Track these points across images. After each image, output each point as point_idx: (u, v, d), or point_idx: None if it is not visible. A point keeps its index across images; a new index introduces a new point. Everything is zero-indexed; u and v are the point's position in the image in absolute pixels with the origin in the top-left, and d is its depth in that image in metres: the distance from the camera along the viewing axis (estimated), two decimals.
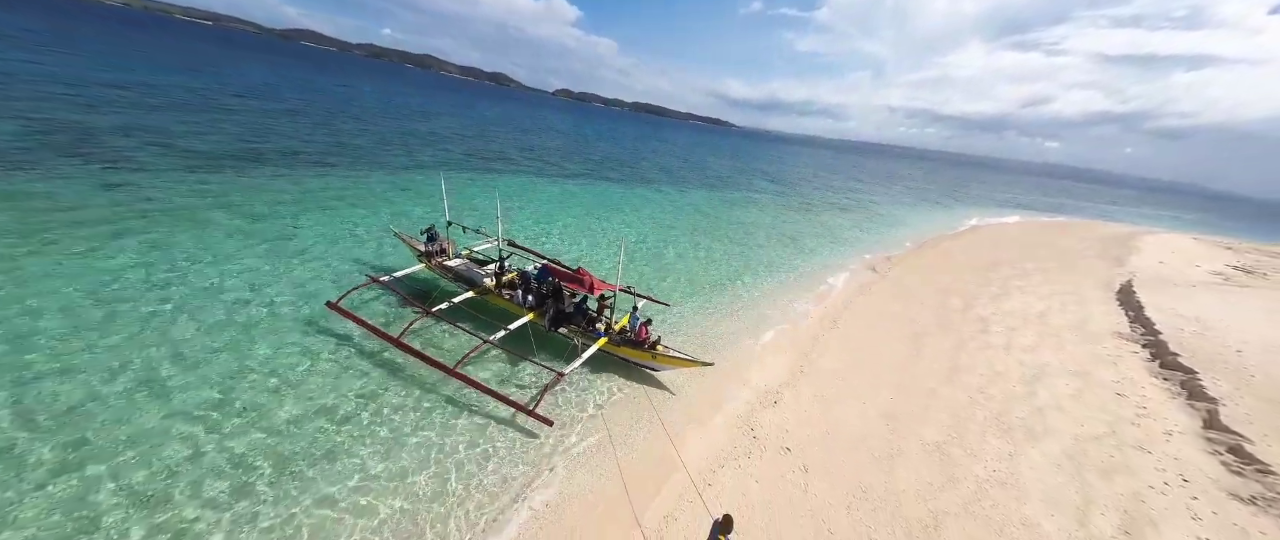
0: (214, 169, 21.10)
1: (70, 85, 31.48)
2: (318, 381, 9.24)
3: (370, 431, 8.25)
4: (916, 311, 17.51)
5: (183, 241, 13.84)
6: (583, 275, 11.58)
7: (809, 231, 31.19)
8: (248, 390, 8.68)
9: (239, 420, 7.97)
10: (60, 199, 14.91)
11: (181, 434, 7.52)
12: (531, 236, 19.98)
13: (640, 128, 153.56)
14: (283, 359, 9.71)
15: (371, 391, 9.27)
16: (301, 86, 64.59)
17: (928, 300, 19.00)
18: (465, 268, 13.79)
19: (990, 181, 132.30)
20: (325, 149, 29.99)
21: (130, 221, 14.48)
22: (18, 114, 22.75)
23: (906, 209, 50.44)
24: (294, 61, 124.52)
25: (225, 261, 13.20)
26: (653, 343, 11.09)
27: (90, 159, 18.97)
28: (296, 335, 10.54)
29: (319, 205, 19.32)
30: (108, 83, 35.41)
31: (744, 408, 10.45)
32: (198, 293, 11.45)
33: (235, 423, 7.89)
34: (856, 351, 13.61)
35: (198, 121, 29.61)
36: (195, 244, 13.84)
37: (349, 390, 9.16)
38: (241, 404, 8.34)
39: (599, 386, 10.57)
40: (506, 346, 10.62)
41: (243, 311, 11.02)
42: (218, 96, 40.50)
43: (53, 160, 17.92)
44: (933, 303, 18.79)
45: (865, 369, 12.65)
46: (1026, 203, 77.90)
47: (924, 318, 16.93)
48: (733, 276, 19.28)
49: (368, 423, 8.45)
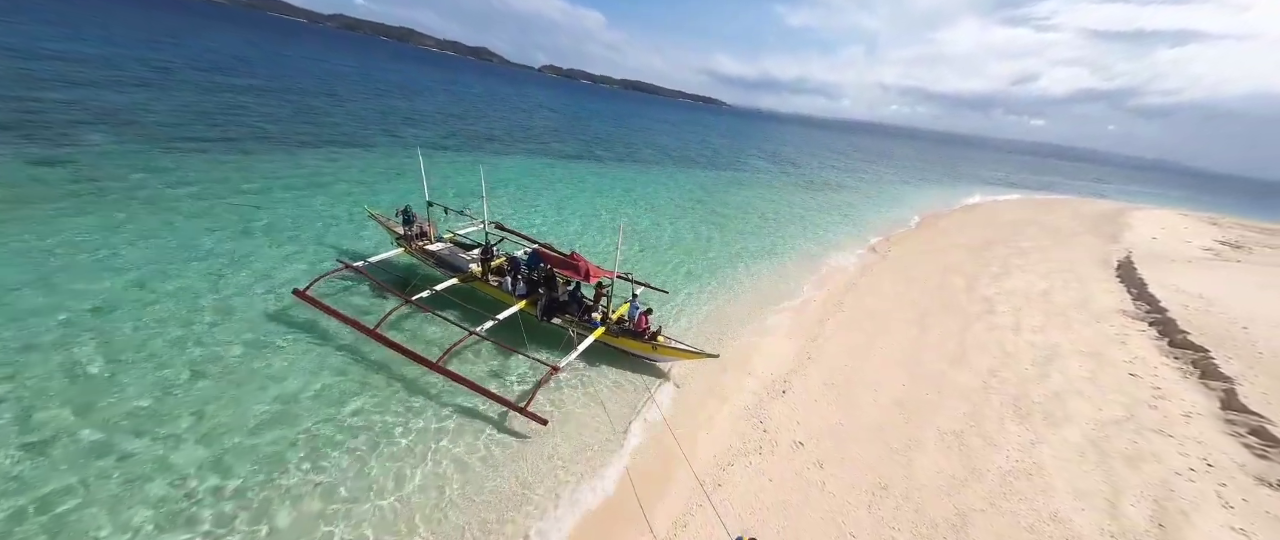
0: (169, 148, 19.34)
1: (11, 55, 28.68)
2: (281, 381, 8.27)
3: (340, 439, 7.38)
4: (919, 292, 17.02)
5: (131, 227, 12.50)
6: (577, 260, 10.68)
7: (807, 212, 30.48)
8: (196, 394, 7.68)
9: (182, 431, 7.01)
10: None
11: (110, 446, 6.57)
12: (521, 219, 18.87)
13: (631, 106, 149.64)
14: (240, 356, 8.71)
15: (344, 391, 8.36)
16: (269, 59, 60.63)
17: (930, 281, 18.52)
18: (449, 252, 12.76)
19: (979, 160, 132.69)
20: (294, 126, 28.00)
21: (72, 204, 13.03)
22: None
23: (900, 188, 50.00)
24: (260, 32, 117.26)
25: (178, 249, 11.94)
26: (653, 333, 10.33)
27: (33, 137, 17.15)
28: (258, 329, 9.51)
29: (287, 186, 17.87)
30: (55, 54, 32.42)
31: (752, 399, 9.83)
32: (144, 283, 10.27)
33: (176, 434, 6.94)
34: (863, 335, 13.06)
35: (154, 96, 27.27)
36: (145, 229, 12.52)
37: (317, 390, 8.24)
38: (186, 411, 7.36)
39: (597, 380, 9.82)
40: (495, 338, 9.76)
41: (195, 303, 9.91)
42: (177, 69, 37.54)
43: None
44: (935, 283, 18.32)
45: (874, 353, 12.11)
46: (1016, 181, 78.19)
47: (928, 299, 16.45)
48: (732, 260, 18.52)
49: (338, 428, 7.58)
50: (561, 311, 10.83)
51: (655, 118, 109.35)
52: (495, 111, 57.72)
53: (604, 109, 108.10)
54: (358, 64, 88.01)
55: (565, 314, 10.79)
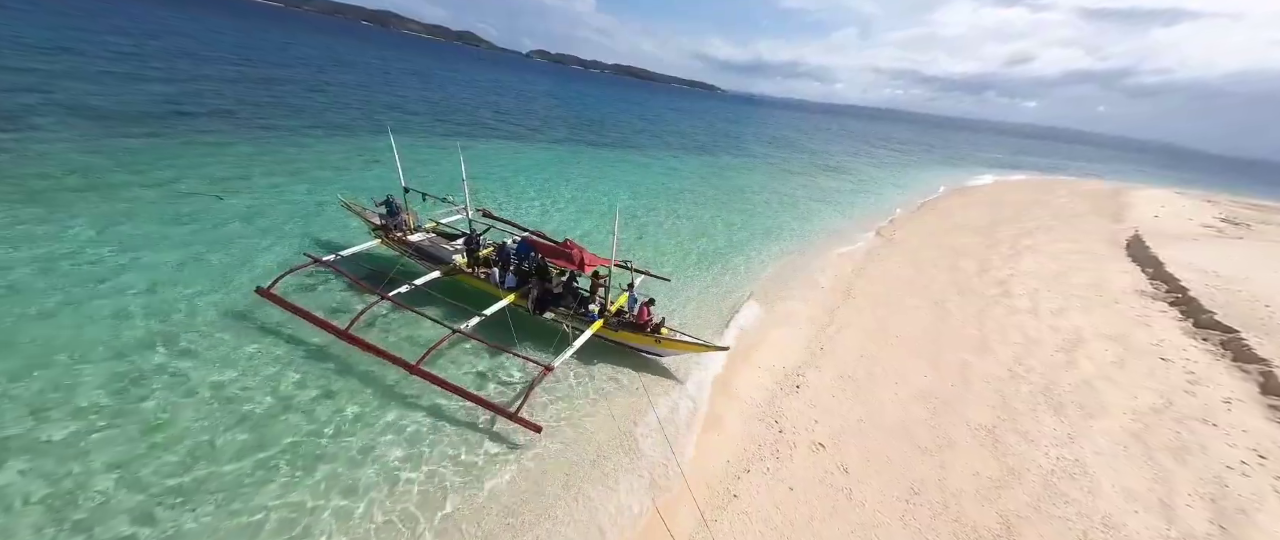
0: (127, 136, 17.82)
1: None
2: (241, 389, 7.29)
3: (307, 452, 6.45)
4: (931, 276, 16.27)
5: (81, 218, 11.24)
6: (571, 249, 9.69)
7: (807, 195, 29.57)
8: (139, 405, 6.69)
9: (122, 443, 6.05)
10: None
11: (34, 467, 5.58)
12: (511, 207, 17.74)
13: (624, 91, 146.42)
14: (194, 362, 7.68)
15: (312, 398, 7.39)
16: (240, 43, 57.69)
17: (940, 264, 17.78)
18: (430, 243, 11.68)
19: (974, 142, 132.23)
20: (266, 111, 26.31)
21: (16, 193, 11.75)
22: None
23: (899, 171, 49.18)
24: (231, 17, 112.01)
25: (132, 243, 10.72)
26: (656, 325, 9.43)
27: None
28: (216, 331, 8.45)
29: (257, 175, 16.54)
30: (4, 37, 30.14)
31: (764, 395, 9.01)
32: (90, 280, 9.11)
33: (118, 448, 5.99)
34: (877, 323, 12.28)
35: (113, 79, 25.38)
36: (97, 221, 11.25)
37: (281, 399, 7.25)
38: (127, 421, 6.38)
39: (595, 379, 8.94)
40: (482, 336, 8.82)
41: (146, 302, 8.80)
42: (138, 53, 35.27)
43: None
44: (945, 266, 17.58)
45: (890, 343, 11.34)
46: (1012, 162, 77.74)
47: (940, 282, 15.71)
48: (734, 246, 17.60)
49: (304, 440, 6.65)
50: (555, 305, 9.88)
51: (649, 104, 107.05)
52: (483, 96, 55.63)
53: (596, 94, 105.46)
54: (332, 46, 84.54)
55: (559, 307, 9.84)
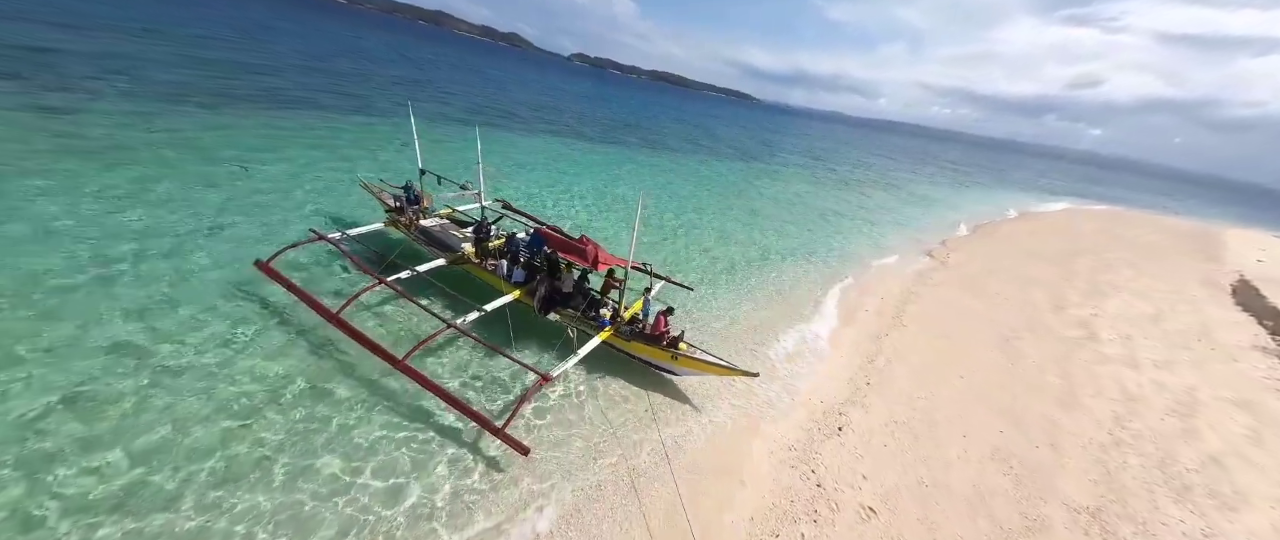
0: (182, 106, 18.32)
1: (54, 11, 28.67)
2: (215, 366, 6.59)
3: (266, 451, 5.56)
4: (997, 308, 14.12)
5: (97, 178, 11.15)
6: (586, 245, 8.56)
7: (847, 208, 27.43)
8: (98, 374, 6.03)
9: (63, 419, 5.33)
10: None
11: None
12: (531, 200, 16.90)
13: (658, 96, 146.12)
14: (172, 332, 7.03)
15: (287, 384, 6.59)
16: (296, 34, 60.84)
17: (1006, 294, 15.53)
18: (441, 229, 10.87)
19: (1032, 167, 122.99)
20: (314, 92, 26.90)
21: (74, 147, 12.06)
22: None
23: (949, 190, 45.64)
24: (296, 10, 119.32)
25: (149, 204, 10.54)
26: (674, 338, 8.12)
27: (45, 86, 16.32)
28: (206, 300, 7.86)
29: (291, 150, 16.48)
30: (105, 18, 32.49)
31: (799, 436, 7.50)
32: (84, 239, 8.74)
33: (60, 423, 5.25)
34: (936, 358, 10.45)
35: (182, 58, 26.62)
36: (113, 182, 11.14)
37: (258, 382, 6.49)
38: (72, 394, 5.68)
39: (598, 396, 7.70)
40: (479, 334, 7.81)
41: (138, 266, 8.31)
42: (210, 37, 37.35)
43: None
44: (1012, 297, 15.33)
45: (951, 383, 9.52)
46: (1076, 190, 71.28)
47: (1008, 316, 13.56)
48: (765, 256, 16.01)
49: (262, 426, 5.80)
50: (563, 305, 8.75)
51: (683, 109, 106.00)
52: (521, 93, 56.14)
53: (631, 97, 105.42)
54: (392, 42, 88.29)
55: (567, 308, 8.69)
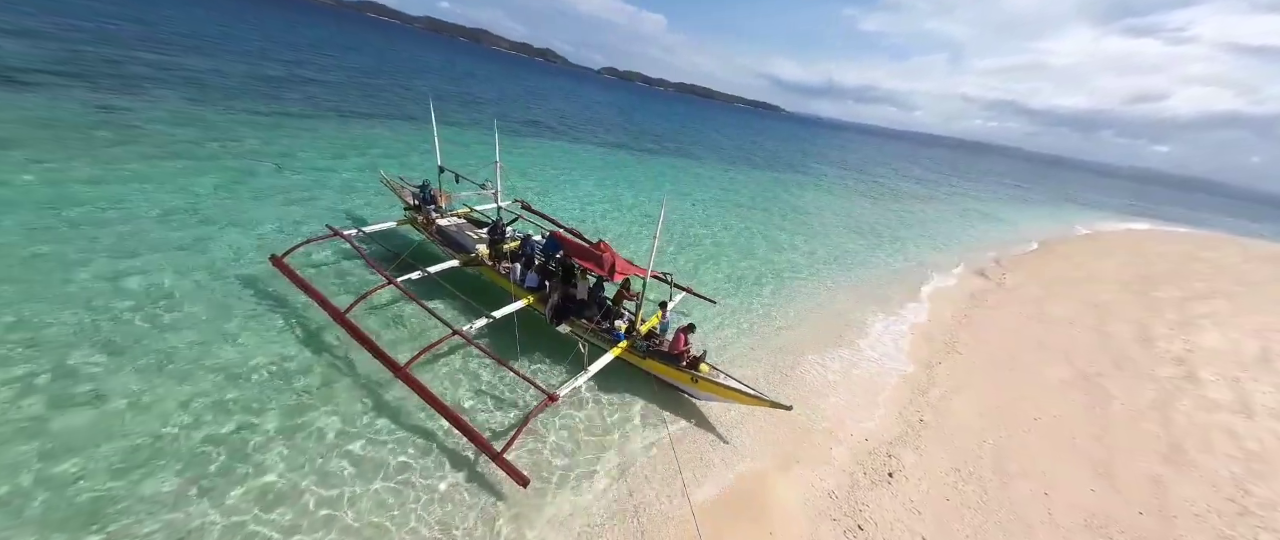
0: (230, 106, 19.31)
1: (135, 22, 31.53)
2: (219, 357, 6.39)
3: (251, 452, 5.15)
4: (1070, 338, 12.34)
5: (152, 171, 11.65)
6: (603, 251, 7.87)
7: (885, 221, 25.66)
8: (88, 368, 5.80)
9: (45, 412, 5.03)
10: (44, 115, 13.20)
11: None
12: (550, 204, 16.49)
13: (684, 107, 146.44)
14: (176, 326, 6.82)
15: (287, 382, 6.26)
16: (348, 45, 64.72)
17: (1079, 324, 13.64)
18: (457, 229, 10.51)
19: (1089, 183, 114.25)
20: (354, 99, 27.98)
21: (118, 139, 12.71)
22: (60, 36, 22.03)
23: (999, 205, 42.46)
24: (355, 26, 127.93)
25: (175, 193, 10.79)
26: (695, 359, 7.24)
27: (104, 87, 17.51)
28: (216, 294, 7.72)
29: (323, 150, 16.86)
30: (183, 32, 35.53)
31: (839, 481, 6.38)
32: (105, 225, 8.86)
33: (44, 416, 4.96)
34: (1002, 394, 9.00)
35: (237, 64, 28.48)
36: (164, 176, 11.59)
37: (251, 383, 6.15)
38: (63, 387, 5.43)
39: (608, 417, 6.88)
40: (488, 342, 7.26)
41: (168, 259, 8.31)
42: (268, 45, 40.05)
43: (61, 83, 16.50)
44: (1088, 327, 13.43)
45: (1026, 427, 8.09)
46: (1143, 210, 65.15)
47: (1085, 349, 11.79)
48: (795, 270, 14.81)
49: (255, 437, 5.41)
50: (576, 315, 8.05)
51: (710, 119, 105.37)
52: (549, 103, 57.20)
53: (656, 108, 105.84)
54: (440, 58, 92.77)
55: (581, 318, 7.98)
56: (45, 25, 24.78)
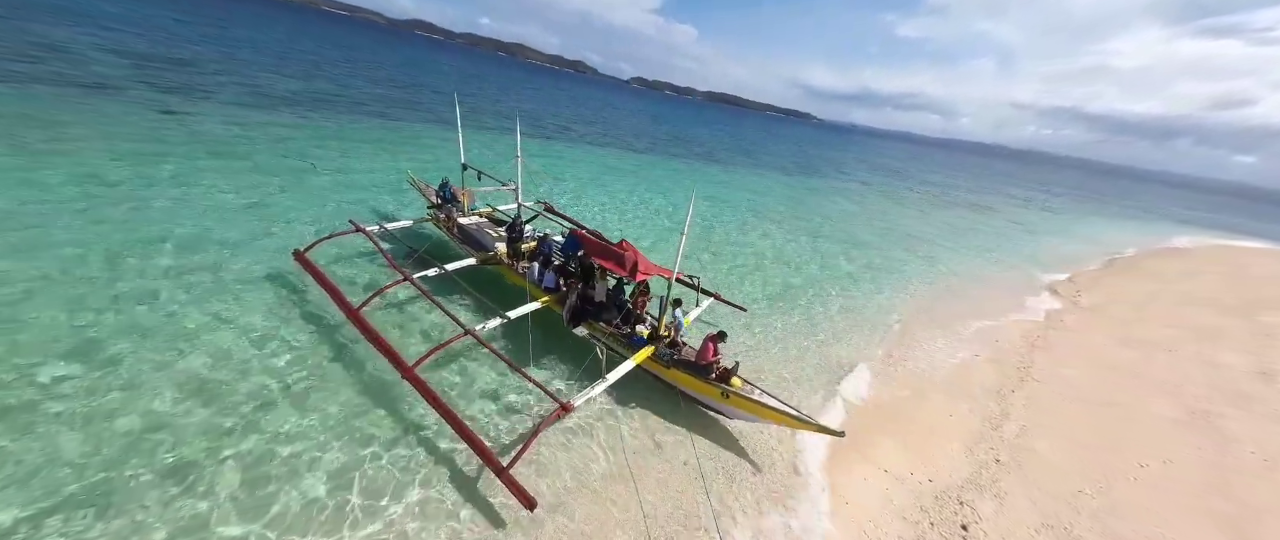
0: (276, 113, 20.30)
1: (219, 42, 34.45)
2: (231, 348, 6.20)
3: (246, 447, 4.80)
4: (1172, 368, 10.50)
5: (178, 167, 12.03)
6: (625, 250, 7.23)
7: (931, 231, 23.67)
8: (135, 322, 5.82)
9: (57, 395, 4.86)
10: (106, 118, 14.15)
11: None
12: (574, 205, 16.08)
13: (714, 114, 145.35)
14: (193, 317, 6.71)
15: (292, 377, 5.98)
16: (409, 61, 68.37)
17: (1178, 351, 11.67)
18: (477, 228, 10.23)
19: (1166, 196, 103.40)
20: (393, 105, 29.12)
21: (171, 139, 13.47)
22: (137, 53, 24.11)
23: (1063, 217, 38.78)
24: (406, 44, 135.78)
25: (217, 191, 11.07)
26: (725, 371, 6.41)
27: (164, 89, 18.86)
28: (237, 286, 7.65)
29: (360, 152, 17.31)
30: (250, 45, 38.59)
31: (902, 531, 5.31)
32: (152, 218, 9.09)
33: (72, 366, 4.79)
34: (1096, 432, 7.55)
35: (284, 76, 30.35)
36: (198, 173, 11.98)
37: (261, 376, 5.90)
38: (81, 372, 5.31)
39: (627, 434, 6.14)
40: (502, 344, 6.77)
41: (189, 252, 8.36)
42: (317, 58, 42.73)
43: (133, 86, 17.83)
44: (1189, 356, 11.45)
45: (1128, 473, 6.67)
46: (1234, 224, 57.91)
47: (1193, 382, 9.95)
48: (837, 280, 13.59)
49: (247, 423, 5.11)
50: (595, 317, 7.41)
51: (739, 126, 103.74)
52: (577, 109, 57.92)
53: (684, 115, 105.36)
54: (473, 69, 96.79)
55: (599, 322, 7.33)
56: (138, 43, 27.27)
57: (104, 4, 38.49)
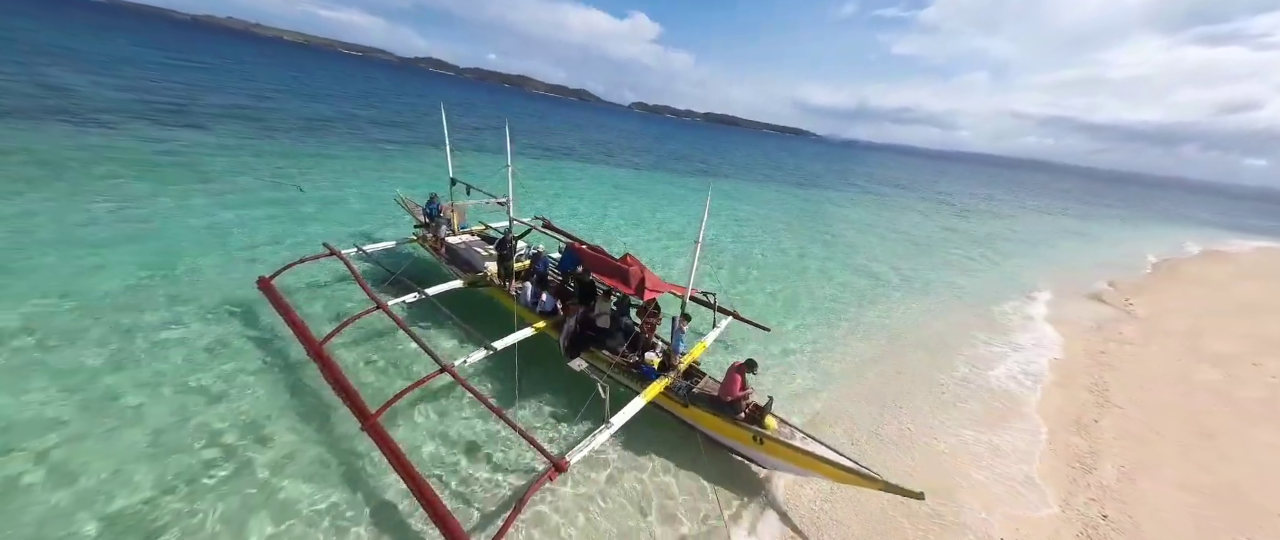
0: (273, 138, 20.03)
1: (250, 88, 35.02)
2: (171, 386, 5.24)
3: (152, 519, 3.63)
4: (1262, 387, 9.09)
5: (148, 189, 11.42)
6: (629, 265, 6.19)
7: (950, 240, 22.47)
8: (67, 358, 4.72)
9: None
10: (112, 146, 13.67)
11: None
12: (585, 227, 15.21)
13: (713, 134, 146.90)
14: (129, 353, 5.74)
15: (233, 425, 4.99)
16: (412, 91, 69.86)
17: (1264, 364, 10.24)
18: (466, 247, 9.26)
19: (1180, 200, 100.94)
20: (393, 133, 29.05)
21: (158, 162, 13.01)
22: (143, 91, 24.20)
23: (1086, 222, 37.33)
24: (416, 80, 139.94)
25: (185, 214, 10.34)
26: (757, 409, 5.25)
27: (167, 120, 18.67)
28: (190, 318, 6.73)
29: (352, 177, 16.75)
30: (272, 84, 39.34)
31: None
32: (146, 256, 8.28)
33: None
34: (1206, 472, 6.19)
35: (294, 105, 30.58)
36: (170, 193, 11.38)
37: (207, 429, 4.89)
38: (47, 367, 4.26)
39: (638, 489, 4.95)
40: (487, 381, 5.66)
41: (146, 278, 7.49)
42: (332, 93, 43.43)
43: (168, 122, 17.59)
44: (1273, 374, 10.00)
45: (1261, 525, 5.30)
46: (1260, 227, 55.77)
47: None
48: (862, 295, 12.36)
49: (190, 496, 3.98)
50: (596, 345, 6.32)
51: (739, 144, 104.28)
52: (577, 131, 58.32)
53: (685, 135, 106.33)
54: (482, 99, 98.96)
55: (603, 350, 6.24)
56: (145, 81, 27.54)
57: (149, 52, 39.59)
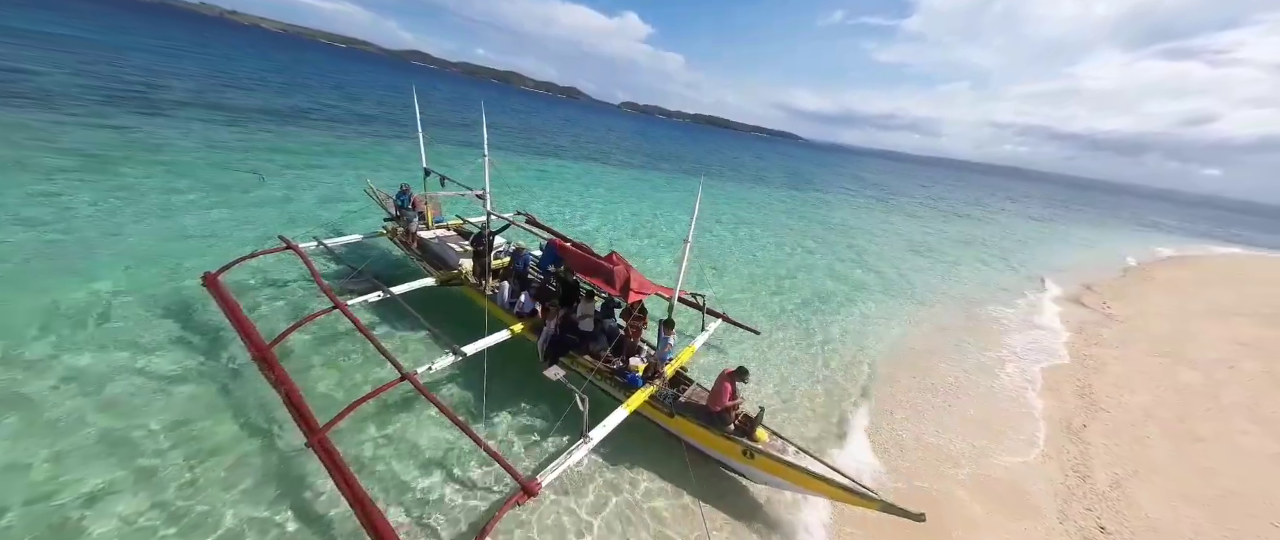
0: (240, 124, 18.95)
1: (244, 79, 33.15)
2: (84, 408, 4.52)
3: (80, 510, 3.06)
4: (1242, 389, 9.19)
5: (117, 177, 10.60)
6: (615, 265, 5.77)
7: (937, 242, 22.74)
8: None
9: None
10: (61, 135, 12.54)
11: None
12: (570, 224, 14.72)
13: (702, 135, 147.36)
14: (56, 352, 5.07)
15: (167, 434, 4.43)
16: (392, 85, 67.87)
17: (1239, 367, 10.42)
18: (439, 242, 8.66)
19: (1147, 207, 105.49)
20: (373, 123, 27.95)
21: (95, 157, 11.87)
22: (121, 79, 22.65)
23: (1060, 226, 38.43)
24: (401, 73, 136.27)
25: (129, 201, 9.50)
26: (747, 420, 4.92)
27: (149, 108, 17.43)
28: (121, 314, 6.09)
29: (327, 166, 15.90)
30: (252, 74, 37.41)
31: None
32: (91, 228, 7.42)
33: None
34: (1202, 480, 6.10)
35: (274, 94, 29.13)
36: (112, 179, 10.48)
37: (126, 440, 4.31)
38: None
39: (616, 506, 4.54)
40: (448, 391, 5.19)
41: (75, 267, 6.73)
42: (310, 86, 41.68)
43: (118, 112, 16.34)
44: (1256, 374, 10.18)
45: (1258, 534, 5.20)
46: (1219, 234, 58.49)
47: (1278, 405, 8.63)
48: (851, 298, 12.18)
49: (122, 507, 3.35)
50: (577, 350, 5.89)
51: (728, 145, 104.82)
52: (565, 129, 57.55)
53: (674, 135, 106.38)
54: (469, 94, 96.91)
55: (583, 356, 5.82)
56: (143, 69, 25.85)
57: (147, 37, 37.29)
